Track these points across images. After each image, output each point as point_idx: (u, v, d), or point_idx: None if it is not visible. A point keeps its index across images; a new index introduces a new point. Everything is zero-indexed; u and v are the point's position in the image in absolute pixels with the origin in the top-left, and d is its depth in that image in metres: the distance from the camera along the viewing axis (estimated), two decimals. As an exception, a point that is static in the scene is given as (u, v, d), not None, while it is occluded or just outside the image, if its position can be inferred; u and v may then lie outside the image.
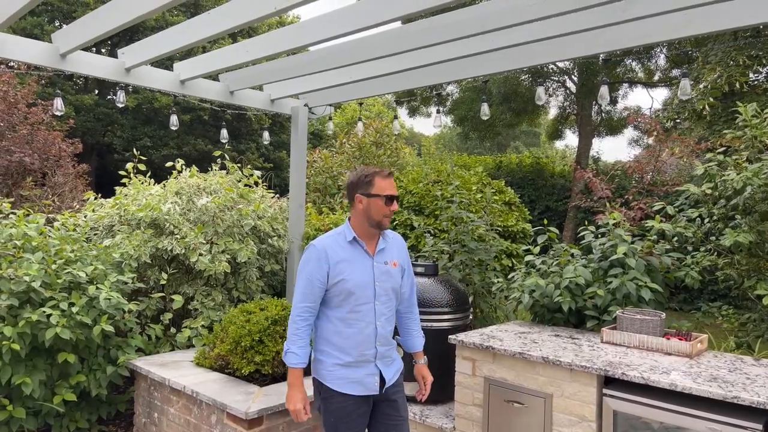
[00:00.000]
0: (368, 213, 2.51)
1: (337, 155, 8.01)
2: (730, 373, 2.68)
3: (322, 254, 2.47)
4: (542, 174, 14.99)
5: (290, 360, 2.46)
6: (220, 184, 5.76)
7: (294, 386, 2.46)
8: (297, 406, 2.45)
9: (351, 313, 2.50)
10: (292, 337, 2.46)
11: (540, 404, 2.97)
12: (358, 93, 5.52)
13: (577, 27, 3.51)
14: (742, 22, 3.25)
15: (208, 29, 3.77)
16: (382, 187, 2.50)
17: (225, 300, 5.36)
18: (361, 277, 2.50)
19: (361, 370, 2.52)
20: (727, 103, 6.57)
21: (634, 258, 3.53)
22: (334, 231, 2.60)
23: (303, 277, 2.48)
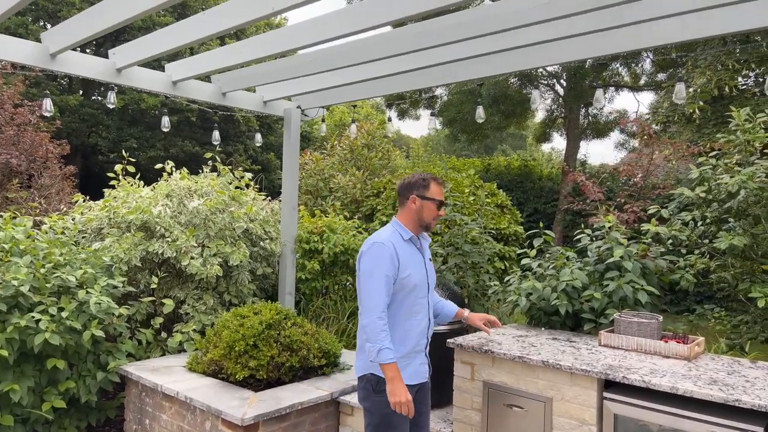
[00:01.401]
0: (420, 214, 2.69)
1: (329, 157, 7.97)
2: (729, 375, 2.69)
3: (392, 251, 2.58)
4: (530, 177, 15.08)
5: (387, 356, 2.49)
6: (211, 186, 5.70)
7: (396, 379, 2.49)
8: (408, 396, 2.49)
9: (413, 306, 2.65)
10: (380, 334, 2.50)
11: (540, 408, 2.96)
12: (351, 95, 5.50)
13: (573, 31, 3.53)
14: (732, 27, 3.30)
15: (202, 30, 3.72)
16: (436, 192, 2.69)
17: (217, 304, 5.29)
18: (419, 273, 2.68)
19: (416, 360, 2.70)
20: (716, 107, 6.66)
21: (631, 261, 3.55)
22: (386, 230, 2.71)
23: (378, 275, 2.53)
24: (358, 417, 3.81)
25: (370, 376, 2.65)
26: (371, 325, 2.51)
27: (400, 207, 2.76)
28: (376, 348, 2.48)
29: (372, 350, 2.50)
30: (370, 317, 2.52)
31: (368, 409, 2.68)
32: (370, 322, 2.51)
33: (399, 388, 2.48)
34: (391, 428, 2.59)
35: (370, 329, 2.51)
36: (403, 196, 2.74)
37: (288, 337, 4.11)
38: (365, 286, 2.56)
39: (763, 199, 3.66)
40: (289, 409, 3.57)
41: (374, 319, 2.51)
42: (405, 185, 2.75)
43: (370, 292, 2.53)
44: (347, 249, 5.64)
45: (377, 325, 2.50)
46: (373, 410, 2.64)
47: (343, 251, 5.65)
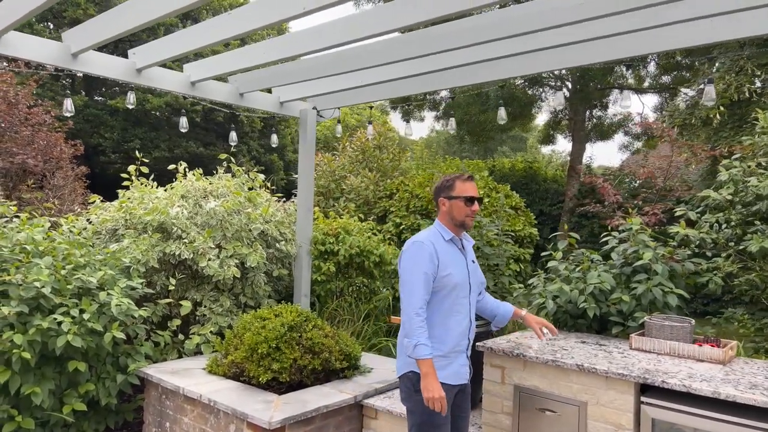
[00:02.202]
0: (451, 214, 2.74)
1: (339, 158, 7.94)
2: (767, 380, 2.67)
3: (432, 250, 2.62)
4: (535, 178, 15.07)
5: (423, 352, 2.51)
6: (226, 187, 5.67)
7: (431, 375, 2.51)
8: (441, 393, 2.50)
9: (452, 306, 2.69)
10: (417, 330, 2.53)
11: (574, 412, 2.93)
12: (366, 97, 5.49)
13: (586, 36, 3.52)
14: (750, 32, 3.30)
15: (226, 30, 3.69)
16: (462, 189, 2.73)
17: (232, 305, 5.26)
18: (460, 273, 2.71)
19: (457, 360, 2.71)
20: (733, 110, 6.66)
21: (659, 263, 3.52)
22: (428, 230, 2.77)
23: (417, 272, 2.57)
24: (382, 420, 3.78)
25: (411, 374, 2.65)
26: (409, 321, 2.54)
27: (438, 211, 2.84)
28: (413, 343, 2.51)
29: (409, 345, 2.53)
30: (408, 313, 2.55)
31: (411, 409, 2.67)
32: (408, 319, 2.55)
33: (432, 383, 2.49)
34: (435, 428, 2.57)
35: (408, 325, 2.54)
36: (435, 202, 2.84)
37: (310, 340, 4.08)
38: (406, 283, 2.59)
39: (790, 202, 3.64)
40: (314, 412, 3.53)
41: (412, 315, 2.54)
42: (435, 190, 2.85)
43: (409, 289, 2.57)
44: (363, 251, 5.61)
45: (415, 321, 2.53)
46: (415, 410, 2.63)
47: (358, 253, 5.62)
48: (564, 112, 15.89)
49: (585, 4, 3.16)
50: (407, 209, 6.39)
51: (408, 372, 2.67)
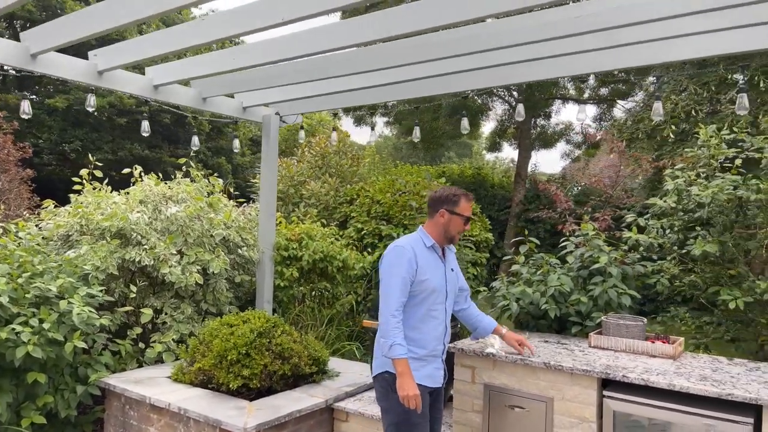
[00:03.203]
0: (447, 227, 2.83)
1: (298, 163, 7.94)
2: (714, 372, 2.93)
3: (411, 254, 2.69)
4: (483, 184, 15.49)
5: (398, 351, 2.60)
6: (187, 192, 5.58)
7: (406, 374, 2.61)
8: (416, 391, 2.59)
9: (429, 311, 2.75)
10: (393, 331, 2.61)
11: (541, 408, 3.11)
12: (329, 104, 5.58)
13: (534, 55, 3.77)
14: (690, 55, 3.64)
15: (195, 38, 3.68)
16: (465, 208, 2.82)
17: (194, 313, 5.18)
18: (438, 279, 2.78)
19: (431, 364, 2.80)
20: (677, 125, 7.16)
21: (614, 267, 3.78)
22: (410, 236, 2.85)
23: (396, 275, 2.65)
24: (353, 422, 3.85)
25: (387, 375, 2.73)
26: (386, 322, 2.63)
27: (429, 217, 2.89)
28: (389, 343, 2.61)
29: (385, 345, 2.62)
30: (385, 314, 2.65)
31: (386, 408, 2.75)
32: (385, 320, 2.64)
33: (408, 382, 2.59)
34: (412, 426, 2.66)
35: (384, 326, 2.64)
36: (432, 209, 2.87)
37: (279, 345, 4.10)
38: (384, 285, 2.68)
39: (727, 210, 3.99)
40: (288, 417, 3.57)
41: (388, 316, 2.63)
42: (436, 199, 2.87)
43: (387, 290, 2.66)
44: (326, 256, 5.66)
45: (391, 322, 2.62)
46: (391, 409, 2.71)
47: (322, 258, 5.66)
48: (510, 120, 16.46)
49: (534, 28, 3.39)
50: (368, 215, 6.49)
51: (383, 372, 2.75)
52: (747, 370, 2.99)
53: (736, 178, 3.98)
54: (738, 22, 3.20)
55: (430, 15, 3.17)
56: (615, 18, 3.19)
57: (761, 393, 2.55)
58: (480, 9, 3.02)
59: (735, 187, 3.83)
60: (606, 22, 3.20)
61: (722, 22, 3.23)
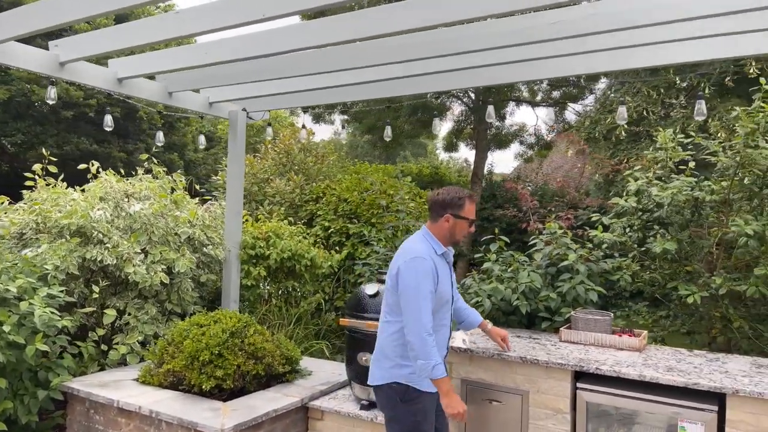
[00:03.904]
0: (452, 231, 2.76)
1: (261, 161, 7.82)
2: (678, 363, 3.11)
3: (432, 266, 2.64)
4: (442, 183, 15.71)
5: (441, 371, 2.58)
6: (150, 189, 5.42)
7: (453, 392, 2.63)
8: (464, 406, 2.62)
9: (441, 319, 2.74)
10: (432, 350, 2.56)
11: (517, 401, 3.21)
12: (296, 101, 5.56)
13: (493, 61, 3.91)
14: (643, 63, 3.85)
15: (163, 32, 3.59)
16: (469, 211, 2.75)
17: (158, 313, 5.05)
18: (448, 287, 2.77)
19: None
20: (629, 126, 7.52)
21: (581, 264, 3.93)
22: (421, 242, 2.73)
23: (423, 290, 2.57)
24: (328, 421, 3.86)
25: (396, 385, 2.69)
26: (422, 342, 2.54)
27: (432, 220, 2.79)
28: (431, 364, 2.54)
29: (426, 366, 2.55)
30: (419, 333, 2.54)
31: (394, 418, 2.71)
32: (420, 340, 2.54)
33: (455, 400, 2.60)
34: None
35: (421, 345, 2.54)
36: (436, 212, 2.76)
37: (252, 345, 4.05)
38: (412, 302, 2.56)
39: (683, 210, 4.22)
40: (264, 417, 3.54)
41: (424, 335, 2.54)
42: (440, 202, 2.75)
43: (417, 307, 2.55)
44: (295, 254, 5.62)
45: (428, 341, 2.54)
46: (400, 419, 2.68)
47: (290, 257, 5.62)
48: (467, 121, 16.75)
49: (492, 35, 3.51)
50: (335, 213, 6.48)
51: (391, 383, 2.70)
52: (707, 360, 3.18)
53: (692, 180, 4.22)
54: (690, 35, 3.39)
55: (393, 20, 3.23)
56: (574, 27, 3.30)
57: (724, 382, 2.73)
58: (444, 15, 3.08)
59: (692, 188, 4.06)
60: (564, 31, 3.32)
61: (676, 33, 3.42)
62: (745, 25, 3.27)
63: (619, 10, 3.17)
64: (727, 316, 4.01)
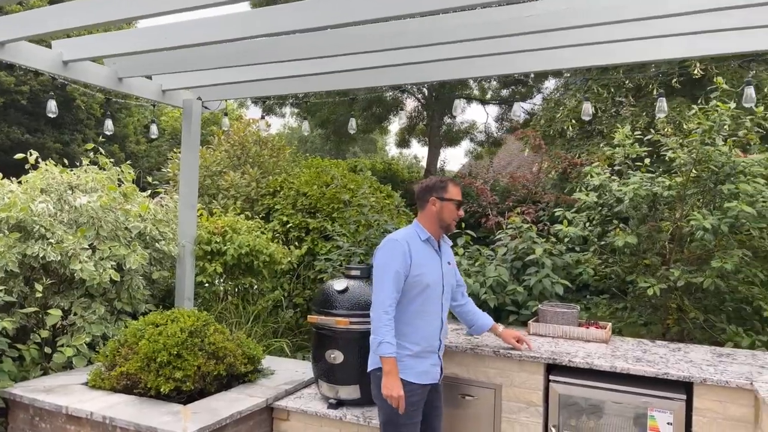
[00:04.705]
0: (440, 215, 2.76)
1: (215, 153, 7.52)
2: (644, 354, 3.18)
3: (405, 248, 2.62)
4: (394, 179, 15.71)
5: (387, 350, 2.52)
6: (97, 181, 5.09)
7: (392, 374, 2.54)
8: (401, 392, 2.52)
9: (423, 305, 2.69)
10: (384, 328, 2.53)
11: (490, 395, 3.20)
12: (253, 91, 5.37)
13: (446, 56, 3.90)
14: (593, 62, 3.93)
15: (117, 11, 3.36)
16: (455, 193, 2.76)
17: (106, 313, 4.75)
18: (433, 273, 2.71)
19: (427, 360, 2.74)
20: (581, 123, 7.73)
21: (547, 258, 3.97)
22: (405, 229, 2.79)
23: (389, 270, 2.58)
24: (294, 421, 3.74)
25: (379, 372, 2.66)
26: (377, 318, 2.58)
27: (420, 210, 2.83)
28: (378, 340, 2.55)
29: (374, 342, 2.57)
30: (377, 310, 2.59)
31: (379, 406, 2.71)
32: (376, 316, 2.58)
33: (392, 381, 2.54)
34: (397, 427, 2.62)
35: (375, 322, 2.58)
36: (422, 200, 2.80)
37: (213, 344, 3.88)
38: (377, 280, 2.63)
39: (641, 205, 4.35)
40: (229, 419, 3.38)
41: (380, 312, 2.57)
42: (423, 188, 2.82)
43: (380, 286, 2.60)
44: (253, 250, 5.43)
45: (382, 318, 2.56)
46: (382, 407, 2.67)
47: (247, 252, 5.43)
48: (420, 117, 16.84)
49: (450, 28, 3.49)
50: (294, 207, 6.31)
51: (376, 369, 2.68)
52: (670, 351, 3.28)
53: (650, 176, 4.36)
54: (643, 35, 3.47)
55: (349, 10, 3.16)
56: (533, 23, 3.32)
57: (692, 371, 2.81)
58: (402, 7, 3.03)
59: (650, 184, 4.19)
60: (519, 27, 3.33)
61: (626, 33, 3.48)
62: (694, 26, 3.37)
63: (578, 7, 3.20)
64: (682, 307, 4.16)
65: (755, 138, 4.56)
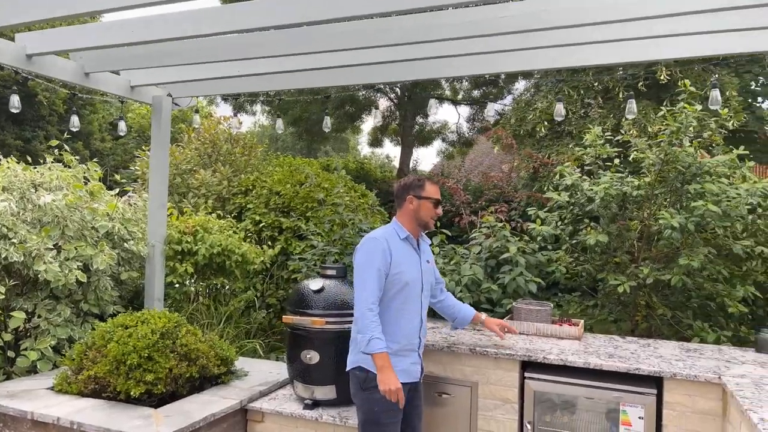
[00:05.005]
0: (418, 213, 2.78)
1: (185, 151, 7.36)
2: (616, 350, 3.25)
3: (385, 245, 2.63)
4: (367, 178, 15.69)
5: (377, 345, 2.51)
6: (63, 179, 4.94)
7: (387, 368, 2.54)
8: (398, 384, 2.51)
9: (403, 304, 2.69)
10: (371, 325, 2.53)
11: (467, 393, 3.22)
12: (224, 88, 5.28)
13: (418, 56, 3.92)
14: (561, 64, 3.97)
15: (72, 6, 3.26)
16: (432, 191, 2.77)
17: (72, 315, 4.61)
18: (412, 271, 2.72)
19: (407, 359, 2.75)
20: (552, 124, 7.86)
21: (521, 256, 4.02)
22: (384, 227, 2.78)
23: (370, 268, 2.58)
24: (269, 423, 3.69)
25: (358, 371, 2.66)
26: (362, 317, 2.57)
27: (399, 208, 2.84)
28: (366, 338, 2.54)
29: (362, 341, 2.55)
30: (361, 308, 2.58)
31: (358, 405, 2.69)
32: (361, 314, 2.57)
33: (389, 376, 2.53)
34: (378, 426, 2.61)
35: (361, 320, 2.57)
36: (400, 198, 2.83)
37: (185, 346, 3.80)
38: (358, 278, 2.62)
39: (611, 205, 4.44)
40: (203, 422, 3.32)
41: (365, 310, 2.57)
42: (401, 187, 2.85)
43: (362, 284, 2.60)
44: (225, 250, 5.35)
45: (368, 316, 2.56)
46: (361, 407, 2.66)
47: (219, 252, 5.34)
48: (392, 116, 16.86)
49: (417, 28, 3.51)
50: (266, 206, 6.23)
51: (355, 368, 2.68)
52: (640, 346, 3.36)
53: (620, 176, 4.45)
54: (612, 37, 3.54)
55: (325, 7, 3.14)
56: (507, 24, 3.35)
57: (662, 366, 2.88)
58: (379, 6, 3.03)
59: (620, 183, 4.28)
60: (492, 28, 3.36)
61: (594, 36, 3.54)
62: (661, 29, 3.45)
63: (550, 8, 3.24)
64: (651, 304, 4.26)
65: (719, 139, 4.71)
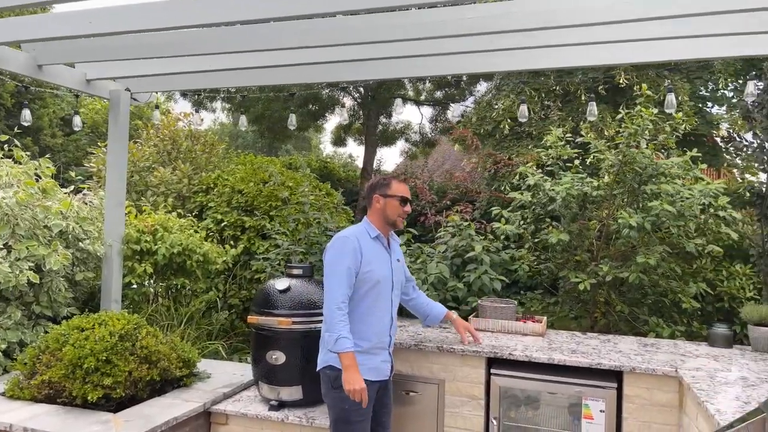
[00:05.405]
0: (385, 212, 2.79)
1: (143, 148, 7.14)
2: (578, 345, 3.33)
3: (356, 244, 2.62)
4: (330, 177, 15.62)
5: (344, 345, 2.50)
6: (13, 176, 4.72)
7: (352, 367, 2.53)
8: (362, 384, 2.50)
9: (374, 302, 2.69)
10: (338, 324, 2.51)
11: (434, 390, 3.24)
12: (183, 84, 5.16)
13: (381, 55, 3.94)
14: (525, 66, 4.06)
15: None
16: (398, 189, 2.78)
17: (23, 317, 4.42)
18: (383, 270, 2.77)
19: (377, 357, 2.75)
20: (513, 123, 8.01)
21: (485, 255, 4.08)
22: (354, 227, 2.77)
23: (340, 266, 2.57)
24: (233, 425, 3.63)
25: (329, 370, 2.65)
26: (331, 315, 2.56)
27: (369, 208, 2.86)
28: (334, 337, 2.53)
29: (330, 339, 2.54)
30: (330, 307, 2.57)
31: (329, 405, 2.68)
32: (329, 312, 2.56)
33: (354, 375, 2.52)
34: (348, 424, 2.60)
35: (329, 319, 2.56)
36: (368, 198, 2.86)
37: (145, 348, 3.69)
38: (327, 277, 2.62)
39: (572, 205, 4.55)
40: (164, 426, 3.23)
41: (334, 309, 2.56)
42: (369, 187, 2.89)
43: (331, 283, 2.59)
44: (185, 249, 5.22)
45: (336, 314, 2.55)
46: (331, 406, 2.65)
47: (180, 252, 5.21)
48: (356, 116, 16.82)
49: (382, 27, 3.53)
50: (228, 205, 6.12)
51: (325, 367, 2.67)
52: (601, 342, 3.45)
53: (580, 176, 4.57)
54: (575, 41, 3.62)
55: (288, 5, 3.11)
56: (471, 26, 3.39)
57: (622, 361, 2.97)
58: (343, 4, 3.03)
59: (581, 184, 4.40)
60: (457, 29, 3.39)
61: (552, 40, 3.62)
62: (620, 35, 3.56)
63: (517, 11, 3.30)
64: (609, 301, 4.40)
65: (672, 142, 4.90)
